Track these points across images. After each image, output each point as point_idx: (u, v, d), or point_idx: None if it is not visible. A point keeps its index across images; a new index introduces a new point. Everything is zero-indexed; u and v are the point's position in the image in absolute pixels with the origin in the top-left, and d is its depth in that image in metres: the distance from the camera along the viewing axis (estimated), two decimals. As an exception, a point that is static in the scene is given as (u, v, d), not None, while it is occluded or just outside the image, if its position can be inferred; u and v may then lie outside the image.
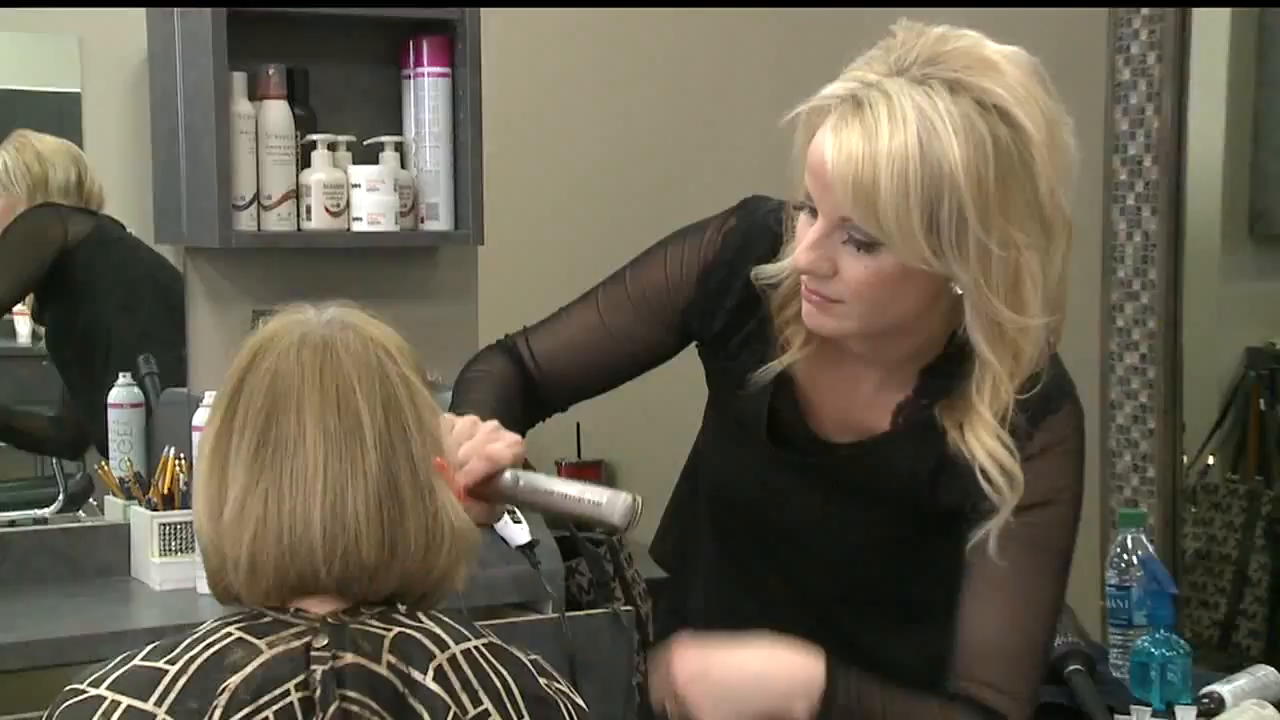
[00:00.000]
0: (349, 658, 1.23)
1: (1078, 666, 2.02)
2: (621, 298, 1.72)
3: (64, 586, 2.67)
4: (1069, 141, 1.48)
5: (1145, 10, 3.20)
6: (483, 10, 2.86)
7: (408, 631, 1.27)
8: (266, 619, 1.26)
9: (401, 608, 1.30)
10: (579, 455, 3.55)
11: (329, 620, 1.26)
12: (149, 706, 1.21)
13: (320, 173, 2.78)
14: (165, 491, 2.68)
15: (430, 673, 1.25)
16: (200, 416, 2.61)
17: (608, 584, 3.05)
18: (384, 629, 1.27)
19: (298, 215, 2.78)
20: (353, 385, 1.28)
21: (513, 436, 1.56)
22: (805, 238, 1.49)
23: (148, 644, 1.27)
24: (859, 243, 1.46)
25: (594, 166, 3.58)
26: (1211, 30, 3.36)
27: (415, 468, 1.29)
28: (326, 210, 2.78)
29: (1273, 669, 2.08)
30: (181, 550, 2.65)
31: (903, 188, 1.40)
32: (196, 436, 2.61)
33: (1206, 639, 3.32)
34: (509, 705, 1.28)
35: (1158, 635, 1.97)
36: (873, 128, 1.42)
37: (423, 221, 2.90)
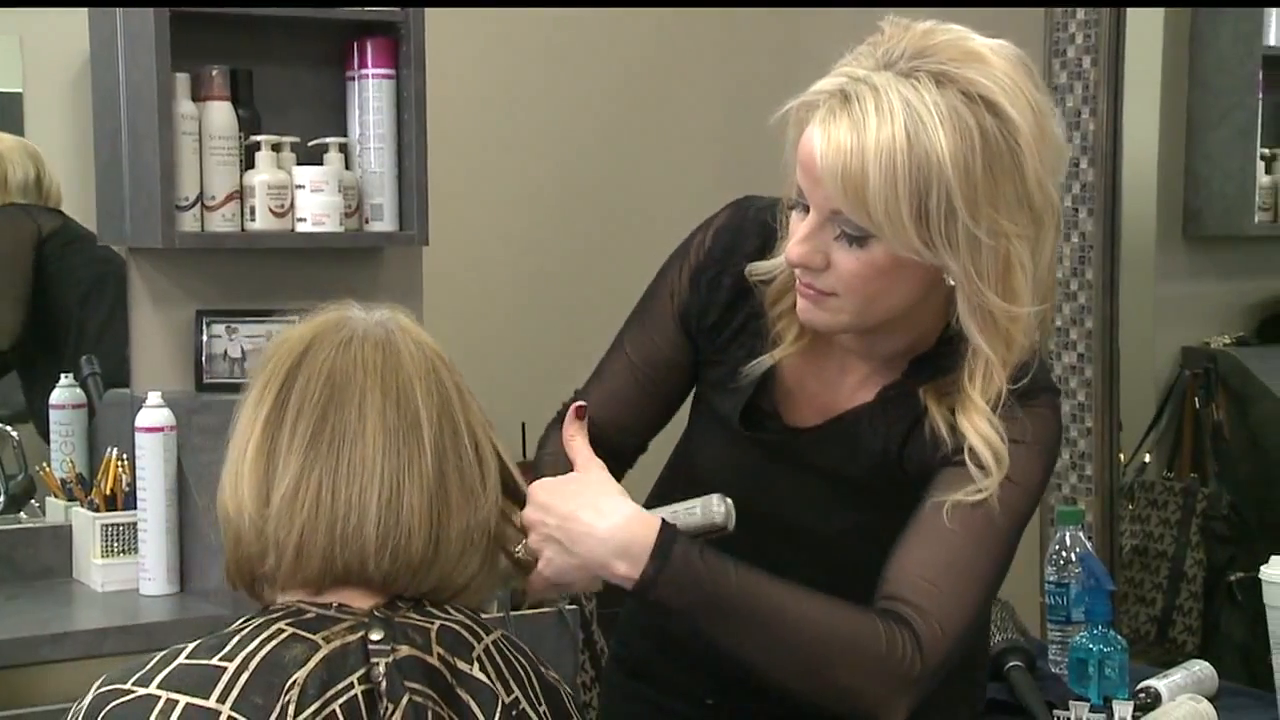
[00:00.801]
0: (405, 650, 1.25)
1: (1017, 663, 2.03)
2: (640, 331, 1.74)
3: (5, 588, 2.65)
4: (1056, 132, 1.49)
5: (1080, 14, 3.23)
6: (427, 11, 2.85)
7: (447, 624, 1.29)
8: (310, 614, 1.26)
9: (427, 605, 1.31)
10: (524, 455, 3.55)
11: (376, 614, 1.27)
12: (212, 704, 1.20)
13: (264, 174, 2.76)
14: (107, 493, 2.67)
15: (475, 663, 1.28)
16: (149, 417, 2.60)
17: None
18: (426, 622, 1.28)
19: (242, 216, 2.77)
20: (413, 385, 1.30)
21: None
22: (797, 232, 1.50)
23: (186, 643, 1.26)
24: (850, 236, 1.47)
25: (538, 167, 3.58)
26: (1145, 35, 3.39)
27: (463, 474, 1.32)
28: (271, 211, 2.76)
29: (1208, 664, 2.10)
30: (124, 551, 2.64)
31: (891, 179, 1.42)
32: (139, 437, 2.60)
33: (1143, 634, 3.35)
34: (532, 693, 1.31)
35: (1095, 631, 1.99)
36: (860, 121, 1.43)
37: (367, 222, 2.88)
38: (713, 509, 1.54)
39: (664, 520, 1.48)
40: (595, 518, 1.49)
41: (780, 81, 1.59)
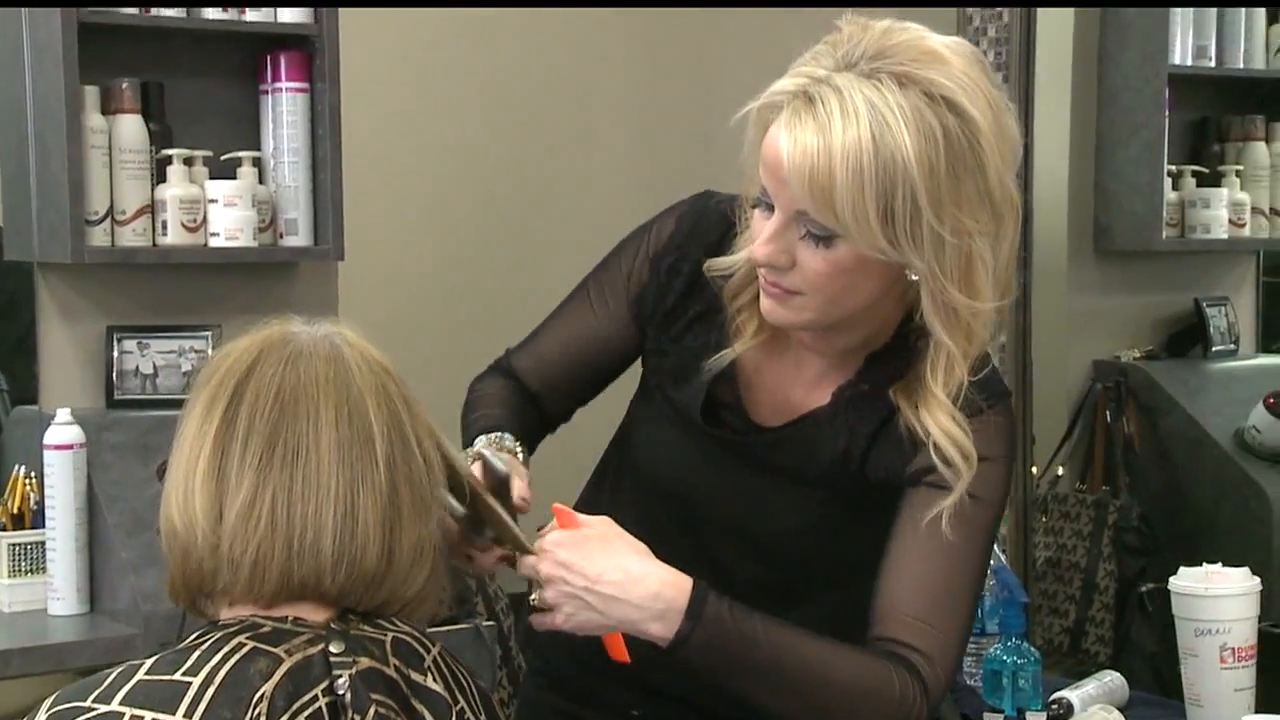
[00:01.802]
0: (366, 662, 1.26)
1: (933, 674, 2.05)
2: (585, 302, 1.74)
3: (-90, 610, 2.61)
4: (1012, 126, 1.51)
5: (992, 32, 3.27)
6: (341, 25, 2.84)
7: (399, 635, 1.30)
8: (266, 628, 1.26)
9: (375, 618, 1.32)
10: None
11: (332, 626, 1.27)
12: (179, 719, 1.19)
13: (176, 188, 2.74)
14: (15, 511, 2.62)
15: (427, 673, 1.29)
16: (56, 435, 2.56)
17: (470, 599, 3.04)
18: (380, 634, 1.29)
19: (153, 231, 2.74)
20: (364, 399, 1.31)
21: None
22: (763, 231, 1.50)
23: (135, 660, 1.25)
24: (816, 236, 1.48)
25: (454, 181, 3.57)
26: (1055, 54, 3.44)
27: (414, 486, 1.32)
28: (183, 225, 2.74)
29: (1119, 674, 2.12)
30: (32, 571, 2.60)
31: (858, 180, 1.43)
32: (48, 455, 2.56)
33: (1056, 645, 3.38)
34: (476, 701, 1.33)
35: (1009, 643, 2.00)
36: (826, 122, 1.44)
37: (281, 237, 2.87)
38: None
39: (694, 581, 1.48)
40: (626, 581, 1.48)
41: (696, 88, 1.60)
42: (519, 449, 1.67)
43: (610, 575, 1.48)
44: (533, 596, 1.51)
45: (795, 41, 1.54)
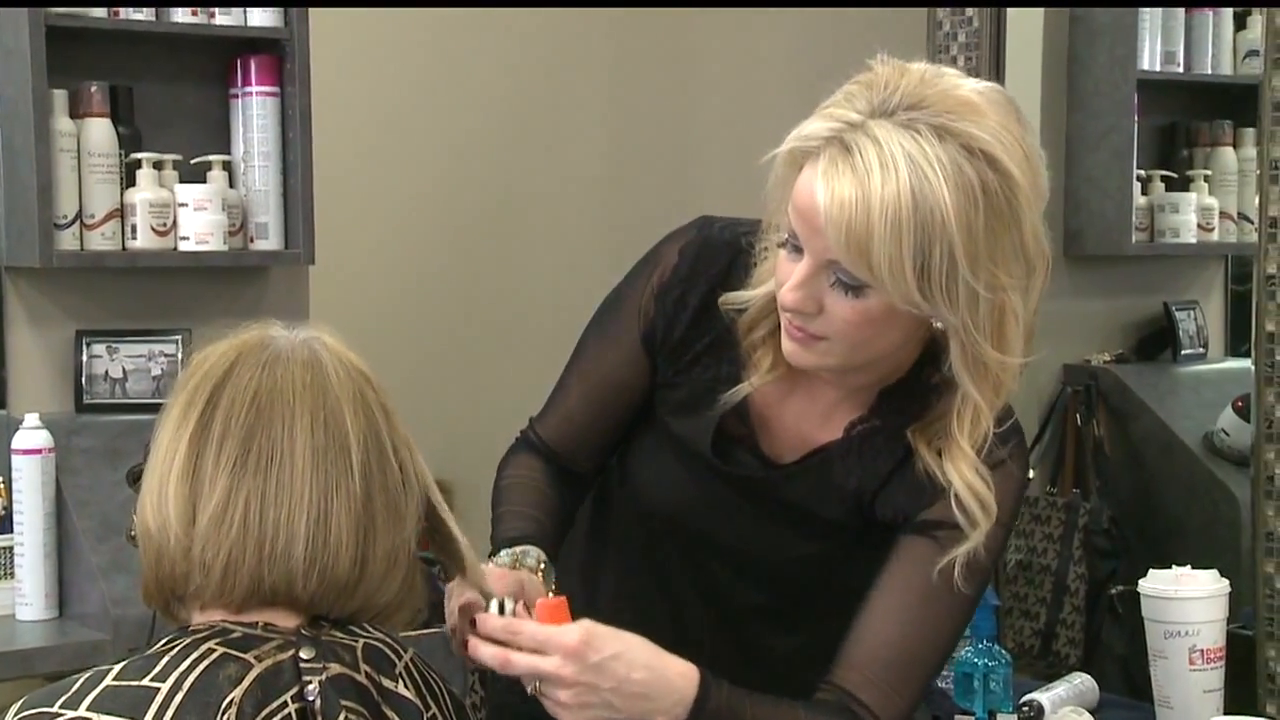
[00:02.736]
0: (336, 668, 1.25)
1: (904, 677, 2.05)
2: (597, 349, 1.72)
3: (-123, 616, 2.59)
4: (1045, 175, 1.49)
5: (961, 38, 3.28)
6: (311, 28, 2.83)
7: (370, 642, 1.30)
8: (237, 634, 1.26)
9: (347, 624, 1.31)
10: (411, 476, 3.52)
11: (303, 632, 1.27)
12: None
13: (146, 192, 2.73)
14: (-17, 517, 2.61)
15: (398, 680, 1.29)
16: (25, 439, 2.55)
17: (441, 604, 3.03)
18: (351, 640, 1.29)
19: (123, 234, 2.73)
20: (341, 406, 1.30)
21: (454, 599, 1.57)
22: (791, 276, 1.48)
23: (104, 665, 1.24)
24: (846, 284, 1.45)
25: (425, 185, 3.56)
26: (1024, 59, 3.45)
27: (389, 494, 1.32)
28: (153, 229, 2.73)
29: (1089, 676, 2.13)
30: (0, 576, 2.59)
31: (896, 235, 1.40)
32: (16, 460, 2.55)
33: (1028, 648, 3.39)
34: (449, 708, 1.33)
35: (980, 646, 2.01)
36: (865, 175, 1.40)
37: (252, 241, 2.86)
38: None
39: (701, 673, 1.49)
40: (651, 680, 1.48)
41: (670, 89, 1.60)
42: (542, 565, 1.64)
43: (636, 675, 1.47)
44: (529, 687, 1.50)
45: (769, 44, 1.54)
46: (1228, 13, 3.56)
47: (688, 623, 1.68)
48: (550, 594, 1.58)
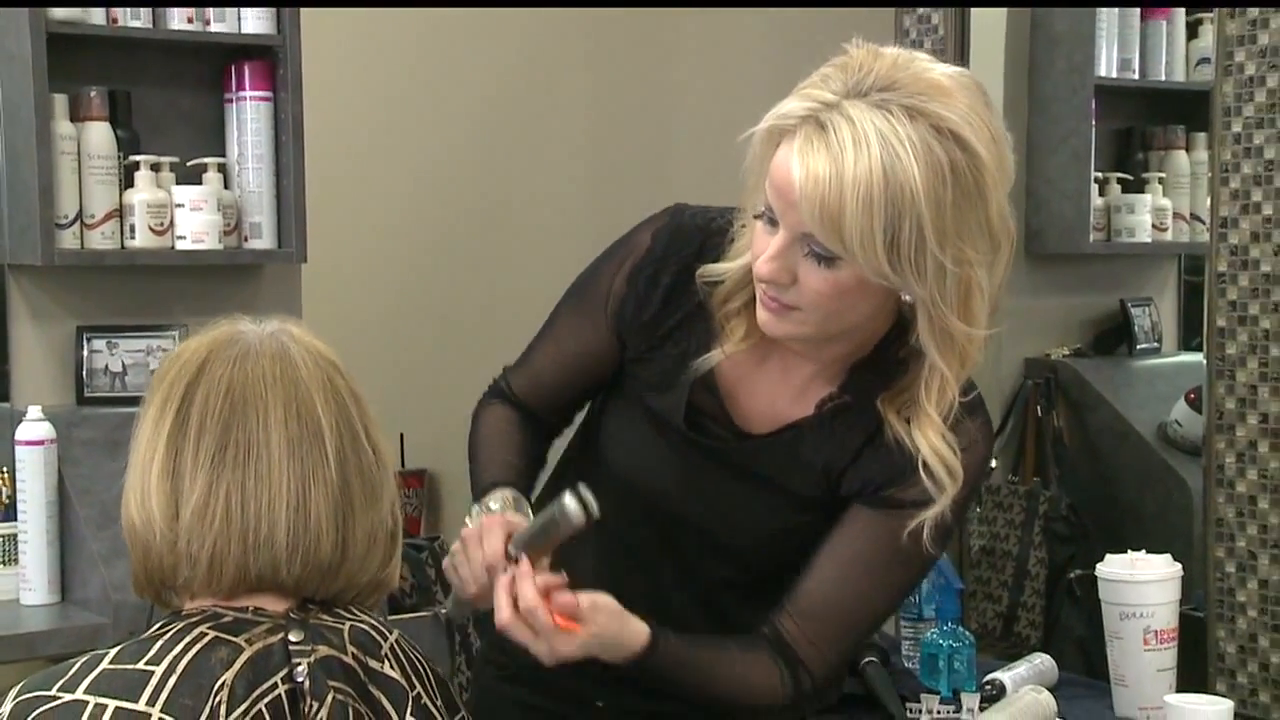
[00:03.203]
0: (324, 650, 1.26)
1: (872, 659, 2.06)
2: (570, 320, 1.73)
3: (-115, 601, 2.58)
4: (1010, 158, 1.50)
5: (928, 44, 3.29)
6: (303, 35, 2.83)
7: (356, 624, 1.30)
8: (228, 618, 1.26)
9: (334, 607, 1.32)
10: (402, 465, 3.53)
11: (292, 616, 1.27)
12: (142, 707, 1.19)
13: (144, 192, 2.72)
14: (-12, 505, 2.61)
15: (384, 661, 1.29)
16: (28, 431, 2.54)
17: (429, 588, 3.04)
18: (338, 623, 1.29)
19: (121, 234, 2.73)
20: (312, 395, 1.30)
21: (493, 529, 1.57)
22: (766, 248, 1.49)
23: (100, 649, 1.25)
24: (819, 256, 1.47)
25: (412, 186, 3.56)
26: (987, 65, 3.45)
27: (365, 477, 1.32)
28: (151, 229, 2.72)
29: (1049, 657, 2.14)
30: (4, 562, 2.58)
31: (867, 209, 1.41)
32: (19, 450, 2.54)
33: (990, 630, 3.40)
34: (432, 686, 1.33)
35: (945, 628, 2.02)
36: (839, 151, 1.42)
37: (246, 240, 2.85)
38: (570, 518, 1.52)
39: (652, 635, 1.55)
40: (625, 638, 1.55)
41: (656, 91, 1.60)
42: (514, 499, 1.67)
43: (622, 635, 1.54)
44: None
45: (749, 43, 1.55)
46: (1181, 22, 3.57)
47: (664, 598, 1.69)
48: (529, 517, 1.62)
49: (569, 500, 1.51)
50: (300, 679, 1.24)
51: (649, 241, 1.68)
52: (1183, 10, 3.57)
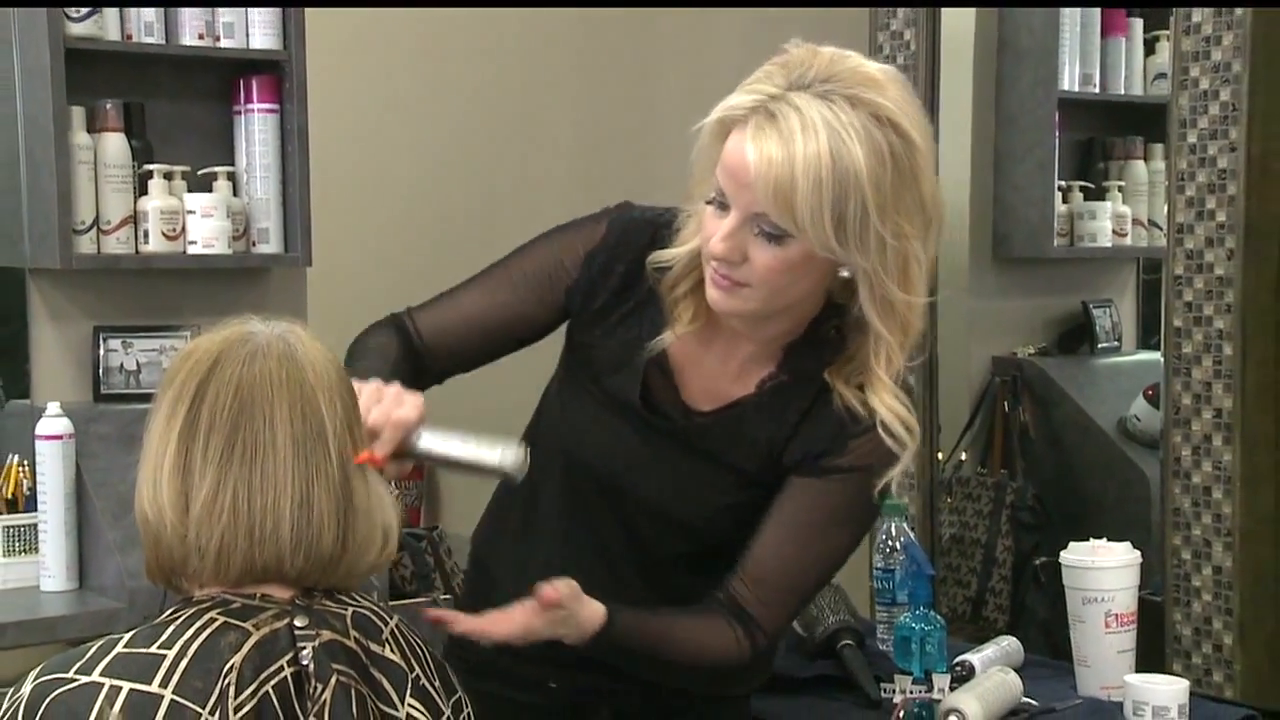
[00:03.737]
0: (327, 635, 1.26)
1: (848, 641, 2.07)
2: (506, 281, 1.74)
3: (-89, 588, 2.57)
4: (933, 142, 1.57)
5: (900, 59, 3.29)
6: (308, 49, 2.83)
7: (358, 610, 1.31)
8: (236, 604, 1.26)
9: (336, 593, 1.32)
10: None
11: (297, 602, 1.28)
12: (154, 689, 1.20)
13: (157, 200, 2.72)
14: (9, 496, 2.61)
15: (385, 645, 1.30)
16: (47, 426, 2.54)
17: (429, 575, 3.03)
18: (341, 608, 1.30)
19: (136, 239, 2.72)
20: (317, 396, 1.30)
21: (416, 398, 1.54)
22: (719, 229, 1.53)
23: (115, 634, 1.25)
24: (769, 234, 1.51)
25: (412, 192, 3.56)
26: (956, 78, 3.47)
27: (366, 474, 1.33)
28: (163, 234, 2.72)
29: (1015, 639, 2.15)
30: (25, 551, 2.58)
31: (817, 189, 1.47)
32: (39, 444, 2.54)
33: (960, 614, 3.41)
34: (431, 669, 1.34)
35: (918, 612, 2.02)
36: (789, 136, 1.47)
37: (254, 245, 2.85)
38: (509, 460, 1.51)
39: (608, 613, 1.56)
40: (586, 619, 1.56)
41: (651, 100, 1.62)
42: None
43: (581, 615, 1.56)
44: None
45: (730, 44, 1.57)
46: (1139, 38, 3.59)
47: (617, 574, 1.71)
48: None
49: (517, 452, 1.51)
50: (305, 662, 1.25)
51: (604, 230, 1.71)
52: (1141, 27, 3.58)
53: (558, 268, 1.71)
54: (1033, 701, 1.93)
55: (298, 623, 1.26)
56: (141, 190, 2.73)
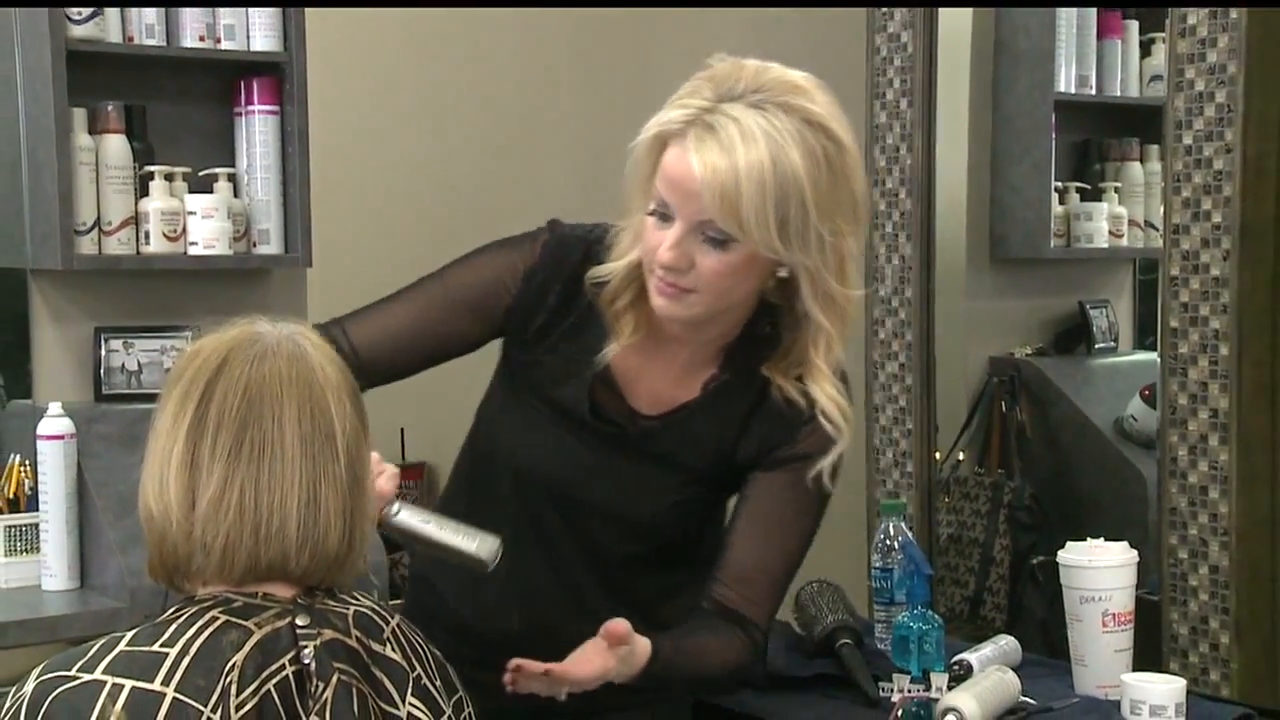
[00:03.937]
0: (329, 634, 1.26)
1: (847, 640, 2.06)
2: (440, 295, 1.76)
3: (-87, 587, 2.57)
4: (859, 144, 1.63)
5: (898, 61, 3.29)
6: (308, 51, 2.83)
7: (359, 609, 1.31)
8: (238, 603, 1.26)
9: (337, 592, 1.33)
10: (404, 458, 3.52)
11: (299, 601, 1.27)
12: (157, 686, 1.19)
13: (158, 201, 2.72)
14: (11, 496, 2.60)
15: (386, 644, 1.30)
16: (49, 426, 2.54)
17: (428, 575, 3.02)
18: (343, 608, 1.30)
19: (137, 240, 2.72)
20: (325, 396, 1.30)
21: (393, 470, 1.58)
22: (664, 239, 1.57)
23: (118, 632, 1.25)
24: (715, 240, 1.55)
25: (411, 193, 3.56)
26: (954, 80, 3.46)
27: (370, 478, 1.35)
28: (165, 235, 2.72)
29: (1013, 638, 2.15)
30: (26, 550, 2.58)
31: (761, 193, 1.52)
32: (41, 444, 2.54)
33: (958, 613, 3.40)
34: (432, 667, 1.34)
35: (915, 611, 2.02)
36: (730, 145, 1.52)
37: (255, 246, 2.85)
38: (485, 550, 1.54)
39: (653, 646, 1.60)
40: (639, 654, 1.60)
41: (648, 102, 1.64)
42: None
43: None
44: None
45: (730, 44, 1.60)
46: (1135, 40, 3.59)
47: (573, 579, 1.73)
48: None
49: (494, 543, 1.54)
50: (307, 661, 1.24)
51: (540, 250, 1.73)
52: (1136, 29, 3.58)
53: (497, 286, 1.73)
54: (1030, 700, 1.92)
55: (299, 622, 1.26)
56: (142, 191, 2.73)
